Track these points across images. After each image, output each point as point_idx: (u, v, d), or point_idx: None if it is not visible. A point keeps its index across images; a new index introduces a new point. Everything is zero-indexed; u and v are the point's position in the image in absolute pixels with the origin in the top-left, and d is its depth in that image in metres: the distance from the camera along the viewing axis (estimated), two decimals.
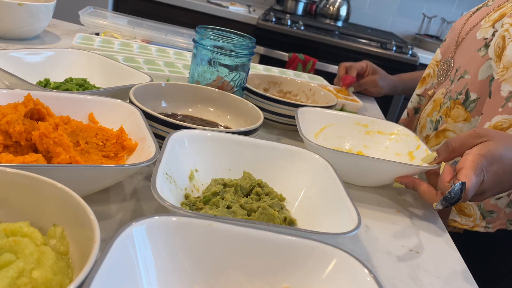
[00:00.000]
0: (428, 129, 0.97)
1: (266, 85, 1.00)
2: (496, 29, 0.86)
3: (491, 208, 0.82)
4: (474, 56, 0.88)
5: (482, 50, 0.86)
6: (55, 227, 0.37)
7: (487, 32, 0.87)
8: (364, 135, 0.84)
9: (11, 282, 0.30)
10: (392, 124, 0.84)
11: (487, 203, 0.81)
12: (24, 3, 0.99)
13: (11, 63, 0.72)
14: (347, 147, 0.83)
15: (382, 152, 0.81)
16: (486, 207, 0.82)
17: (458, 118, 0.89)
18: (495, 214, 0.82)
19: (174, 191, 0.51)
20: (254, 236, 0.39)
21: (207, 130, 0.58)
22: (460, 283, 0.54)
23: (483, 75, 0.84)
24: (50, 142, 0.49)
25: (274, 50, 2.32)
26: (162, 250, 0.37)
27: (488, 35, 0.87)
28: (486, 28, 0.88)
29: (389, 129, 0.84)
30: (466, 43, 0.94)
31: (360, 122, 0.85)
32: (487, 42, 0.86)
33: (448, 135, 0.91)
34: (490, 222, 0.83)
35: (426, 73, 1.07)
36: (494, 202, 0.81)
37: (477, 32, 0.90)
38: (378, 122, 0.85)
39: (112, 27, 1.25)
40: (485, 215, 0.82)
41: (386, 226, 0.63)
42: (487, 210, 0.82)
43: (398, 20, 2.97)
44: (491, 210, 0.82)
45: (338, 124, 0.84)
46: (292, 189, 0.58)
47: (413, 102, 1.09)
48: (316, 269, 0.39)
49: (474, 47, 0.89)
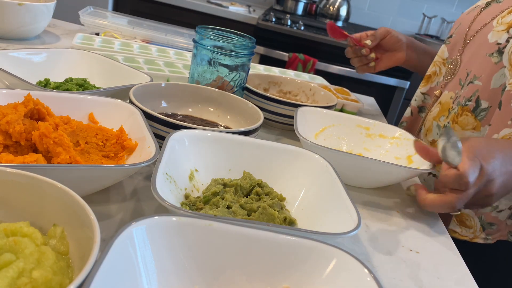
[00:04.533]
0: (434, 134, 0.92)
1: (266, 85, 1.00)
2: (510, 35, 0.80)
3: (492, 220, 0.81)
4: (486, 61, 0.82)
5: (495, 56, 0.81)
6: (55, 227, 0.37)
7: (501, 36, 0.81)
8: (365, 137, 0.84)
9: (11, 282, 0.30)
10: (394, 128, 0.83)
11: (488, 216, 0.80)
12: (24, 3, 0.99)
13: (11, 63, 0.72)
14: (347, 149, 0.83)
15: (382, 156, 0.80)
16: (486, 219, 0.81)
17: (466, 125, 0.84)
18: (495, 226, 0.81)
19: (174, 191, 0.51)
20: (254, 236, 0.39)
21: (207, 130, 0.58)
22: (460, 283, 0.54)
23: (496, 83, 0.79)
24: (50, 142, 0.49)
25: (274, 50, 2.32)
26: (162, 250, 0.37)
27: (501, 40, 0.81)
28: (500, 31, 0.82)
29: (390, 132, 0.83)
30: (476, 44, 0.87)
31: (361, 124, 0.84)
32: (500, 48, 0.80)
33: None
34: (489, 234, 0.82)
35: (432, 71, 1.01)
36: (495, 215, 0.80)
37: (488, 34, 0.84)
38: (380, 125, 0.84)
39: (112, 27, 1.25)
40: (485, 227, 0.81)
41: (386, 226, 0.63)
42: (488, 222, 0.81)
43: (398, 20, 2.97)
44: (492, 222, 0.81)
45: (339, 125, 0.83)
46: (292, 189, 0.58)
47: (417, 100, 1.03)
48: (316, 269, 0.39)
49: (485, 51, 0.83)
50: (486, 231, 0.81)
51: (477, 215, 0.81)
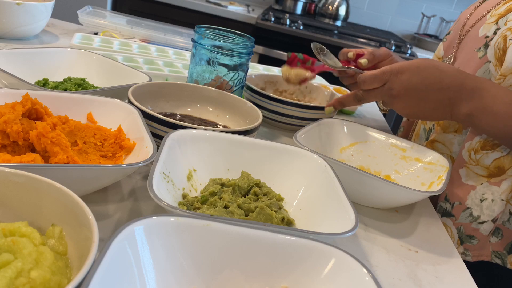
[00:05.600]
0: (420, 138, 0.88)
1: (263, 85, 1.00)
2: (499, 26, 0.73)
3: (471, 232, 0.72)
4: (472, 57, 0.77)
5: (481, 50, 0.75)
6: (53, 227, 0.37)
7: (490, 28, 0.75)
8: (399, 159, 0.76)
9: (9, 282, 0.30)
10: (432, 153, 0.74)
11: (467, 227, 0.73)
12: (23, 3, 0.99)
13: (9, 63, 0.72)
14: (376, 169, 0.76)
15: (411, 181, 0.71)
16: (466, 231, 0.73)
17: (448, 128, 0.78)
18: (476, 240, 0.73)
19: (171, 190, 0.51)
20: (252, 236, 0.39)
21: (205, 130, 0.58)
22: (459, 282, 0.54)
23: None
24: (48, 142, 0.49)
25: (273, 50, 2.32)
26: (160, 250, 0.37)
27: (489, 33, 0.75)
28: (490, 23, 0.76)
29: (427, 157, 0.74)
30: (469, 39, 0.82)
31: (398, 145, 0.77)
32: (487, 41, 0.74)
33: (437, 147, 0.80)
34: (469, 249, 0.73)
35: None
36: (476, 227, 0.72)
37: (480, 28, 0.78)
38: (418, 148, 0.75)
39: (111, 26, 1.25)
40: (464, 240, 0.73)
41: (385, 225, 0.63)
42: (467, 235, 0.73)
43: (397, 19, 2.98)
44: (471, 235, 0.73)
45: (372, 143, 0.78)
46: (290, 189, 0.58)
47: None
48: (315, 269, 0.39)
49: (475, 45, 0.77)
50: (465, 244, 0.73)
51: (455, 225, 0.74)
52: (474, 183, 0.72)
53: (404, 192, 0.60)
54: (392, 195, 0.62)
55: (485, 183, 0.71)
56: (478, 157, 0.72)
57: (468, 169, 0.73)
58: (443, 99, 0.68)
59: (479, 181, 0.72)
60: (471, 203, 0.72)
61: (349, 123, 0.80)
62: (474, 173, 0.72)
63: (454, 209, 0.74)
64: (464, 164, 0.73)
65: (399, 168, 0.75)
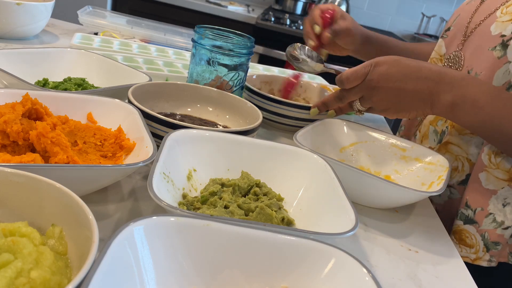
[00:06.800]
0: (431, 141, 0.84)
1: (259, 85, 0.99)
2: None
3: (497, 239, 0.71)
4: (488, 56, 0.73)
5: (497, 49, 0.72)
6: (53, 227, 0.37)
7: (506, 28, 0.72)
8: (399, 159, 0.76)
9: (9, 282, 0.30)
10: (433, 153, 0.73)
11: (492, 233, 0.71)
12: (23, 3, 0.99)
13: (9, 63, 0.72)
14: (375, 169, 0.76)
15: (412, 181, 0.71)
16: (491, 237, 0.71)
17: (464, 130, 0.76)
18: (500, 246, 0.71)
19: (171, 190, 0.51)
20: (253, 236, 0.39)
21: (205, 130, 0.58)
22: (459, 282, 0.54)
23: (499, 81, 0.70)
24: (48, 142, 0.49)
25: (273, 50, 2.32)
26: (160, 250, 0.37)
27: (506, 32, 0.71)
28: (505, 22, 0.72)
29: (428, 157, 0.74)
30: (477, 37, 0.78)
31: (398, 145, 0.77)
32: (504, 41, 0.71)
33: (452, 150, 0.77)
34: (494, 256, 0.72)
35: None
36: (501, 233, 0.70)
37: (491, 26, 0.75)
38: (418, 149, 0.75)
39: (111, 26, 1.25)
40: (490, 247, 0.71)
41: (385, 225, 0.63)
42: (492, 241, 0.71)
43: (397, 19, 2.98)
44: (497, 241, 0.71)
45: (372, 142, 0.78)
46: (290, 189, 0.58)
47: None
48: (315, 269, 0.39)
49: (487, 44, 0.74)
50: (491, 251, 0.71)
51: (479, 232, 0.72)
52: (495, 188, 0.70)
53: (404, 192, 0.60)
54: (392, 195, 0.62)
55: (506, 187, 0.70)
56: (499, 161, 0.70)
57: (488, 173, 0.71)
58: (422, 89, 0.68)
59: (500, 185, 0.70)
60: (494, 208, 0.70)
61: (349, 123, 0.80)
62: (494, 177, 0.71)
63: (477, 215, 0.72)
64: (484, 168, 0.71)
65: (399, 168, 0.75)
